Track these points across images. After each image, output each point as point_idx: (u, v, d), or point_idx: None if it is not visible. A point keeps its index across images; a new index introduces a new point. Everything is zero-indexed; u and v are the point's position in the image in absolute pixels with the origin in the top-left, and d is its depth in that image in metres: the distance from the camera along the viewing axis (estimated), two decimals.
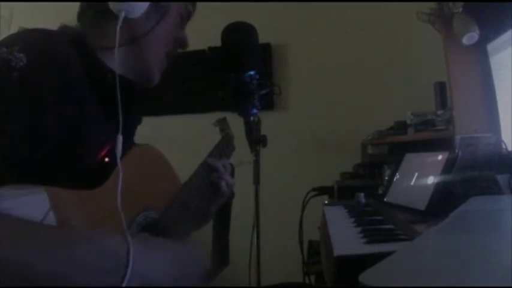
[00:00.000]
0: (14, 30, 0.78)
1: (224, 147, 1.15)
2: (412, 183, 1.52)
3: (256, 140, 0.98)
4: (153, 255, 0.69)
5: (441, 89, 2.22)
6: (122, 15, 0.79)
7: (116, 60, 0.77)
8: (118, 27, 0.78)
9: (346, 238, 1.03)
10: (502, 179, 1.26)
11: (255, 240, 0.95)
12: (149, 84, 0.92)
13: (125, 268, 0.62)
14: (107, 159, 0.77)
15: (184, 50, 0.95)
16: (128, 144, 0.82)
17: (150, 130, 1.01)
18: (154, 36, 0.86)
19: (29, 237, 0.57)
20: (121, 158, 0.78)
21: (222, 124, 1.25)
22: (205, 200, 1.05)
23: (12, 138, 0.63)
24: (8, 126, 0.63)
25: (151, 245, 0.71)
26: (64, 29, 0.84)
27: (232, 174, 1.09)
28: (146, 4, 0.82)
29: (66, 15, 0.86)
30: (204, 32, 1.92)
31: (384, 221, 1.22)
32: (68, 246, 0.60)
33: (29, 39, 0.71)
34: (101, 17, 0.82)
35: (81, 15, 0.86)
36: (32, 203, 0.60)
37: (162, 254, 0.71)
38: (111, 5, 0.79)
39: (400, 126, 2.39)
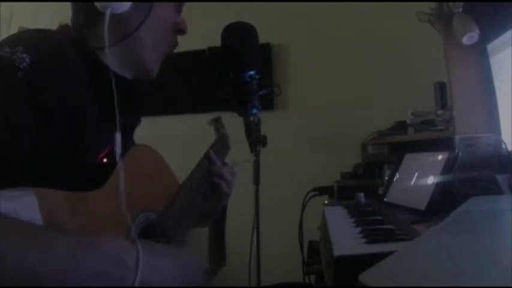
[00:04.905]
0: (14, 30, 0.78)
1: (220, 147, 1.15)
2: (412, 183, 1.52)
3: (256, 140, 0.98)
4: (158, 262, 0.69)
5: (441, 89, 2.22)
6: (108, 12, 0.77)
7: (109, 57, 0.76)
8: (106, 25, 0.76)
9: (346, 238, 1.03)
10: (502, 179, 1.26)
11: (255, 240, 0.95)
12: (148, 76, 0.91)
13: (131, 274, 0.62)
14: (105, 160, 0.77)
15: (182, 35, 0.92)
16: (127, 144, 0.82)
17: (150, 130, 1.01)
18: (149, 27, 0.84)
19: (32, 242, 0.57)
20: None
21: (217, 123, 1.25)
22: (206, 199, 1.05)
23: (14, 139, 0.63)
24: (10, 126, 0.63)
25: (156, 252, 0.71)
26: (64, 29, 0.84)
27: (233, 174, 1.09)
28: None
29: (66, 15, 0.86)
30: (204, 32, 1.92)
31: (383, 221, 1.21)
32: (71, 251, 0.60)
33: (31, 39, 0.71)
34: (92, 17, 0.81)
35: (74, 18, 0.85)
36: (21, 207, 0.60)
37: (166, 261, 0.72)
38: (97, 4, 0.78)
39: (400, 126, 2.39)
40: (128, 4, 0.80)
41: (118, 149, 0.74)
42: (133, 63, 0.87)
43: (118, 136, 0.74)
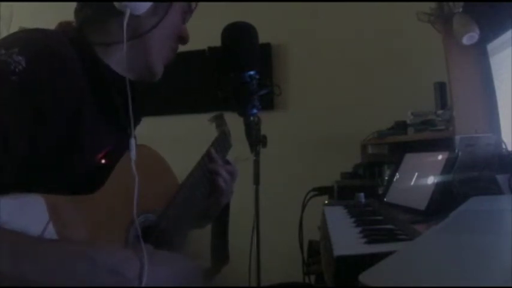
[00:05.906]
0: (14, 30, 0.77)
1: (221, 144, 1.14)
2: (412, 183, 1.52)
3: (256, 140, 0.99)
4: (156, 270, 0.69)
5: (441, 89, 2.22)
6: (128, 12, 0.77)
7: (115, 56, 0.76)
8: (125, 24, 0.76)
9: (346, 238, 1.03)
10: (502, 179, 1.26)
11: (255, 240, 0.95)
12: (153, 78, 0.91)
13: (129, 285, 0.62)
14: (104, 161, 0.77)
15: (184, 44, 0.92)
16: (126, 144, 0.82)
17: (150, 130, 1.01)
18: (159, 31, 0.84)
19: (29, 255, 0.57)
20: (118, 159, 0.77)
21: (218, 120, 1.24)
22: (205, 198, 1.05)
23: (11, 143, 0.63)
24: (6, 130, 0.63)
25: (154, 259, 0.71)
26: (64, 28, 0.83)
27: (231, 174, 1.09)
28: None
29: (66, 15, 0.86)
30: (204, 32, 1.92)
31: (383, 221, 1.22)
32: (69, 264, 0.59)
33: (28, 41, 0.70)
34: (102, 13, 0.80)
35: (78, 11, 0.84)
36: (30, 213, 0.60)
37: (164, 268, 0.71)
38: (116, 3, 0.78)
39: (400, 126, 2.39)
40: (147, 6, 0.79)
41: (133, 155, 0.73)
42: (139, 65, 0.87)
43: (132, 142, 0.74)
